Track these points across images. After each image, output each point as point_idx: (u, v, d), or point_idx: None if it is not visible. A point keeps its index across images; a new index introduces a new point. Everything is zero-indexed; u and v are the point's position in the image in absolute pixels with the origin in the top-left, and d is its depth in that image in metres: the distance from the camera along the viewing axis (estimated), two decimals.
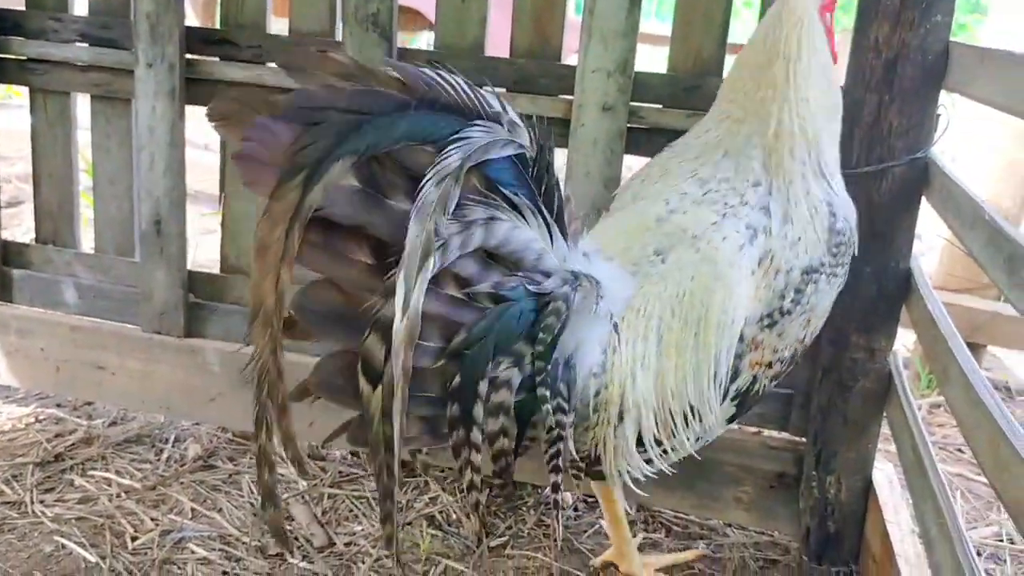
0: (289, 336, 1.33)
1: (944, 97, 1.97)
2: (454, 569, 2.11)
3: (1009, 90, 1.53)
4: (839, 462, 2.16)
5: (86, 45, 2.43)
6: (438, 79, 1.32)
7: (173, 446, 2.52)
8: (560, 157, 2.24)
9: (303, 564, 2.07)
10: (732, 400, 1.69)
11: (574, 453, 1.64)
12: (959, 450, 2.97)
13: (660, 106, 2.15)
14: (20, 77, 2.52)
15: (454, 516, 2.30)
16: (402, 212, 1.29)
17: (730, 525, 2.36)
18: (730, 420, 1.75)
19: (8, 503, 2.21)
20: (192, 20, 6.49)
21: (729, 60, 2.23)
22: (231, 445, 2.55)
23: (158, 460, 2.46)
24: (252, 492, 2.34)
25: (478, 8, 2.21)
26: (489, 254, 1.43)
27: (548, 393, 1.48)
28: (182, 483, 2.36)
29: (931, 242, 4.62)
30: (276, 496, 1.42)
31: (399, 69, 1.31)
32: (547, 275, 1.46)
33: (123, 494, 2.29)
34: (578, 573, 2.13)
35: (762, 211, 1.65)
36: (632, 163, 2.13)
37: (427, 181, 1.28)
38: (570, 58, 2.24)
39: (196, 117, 2.53)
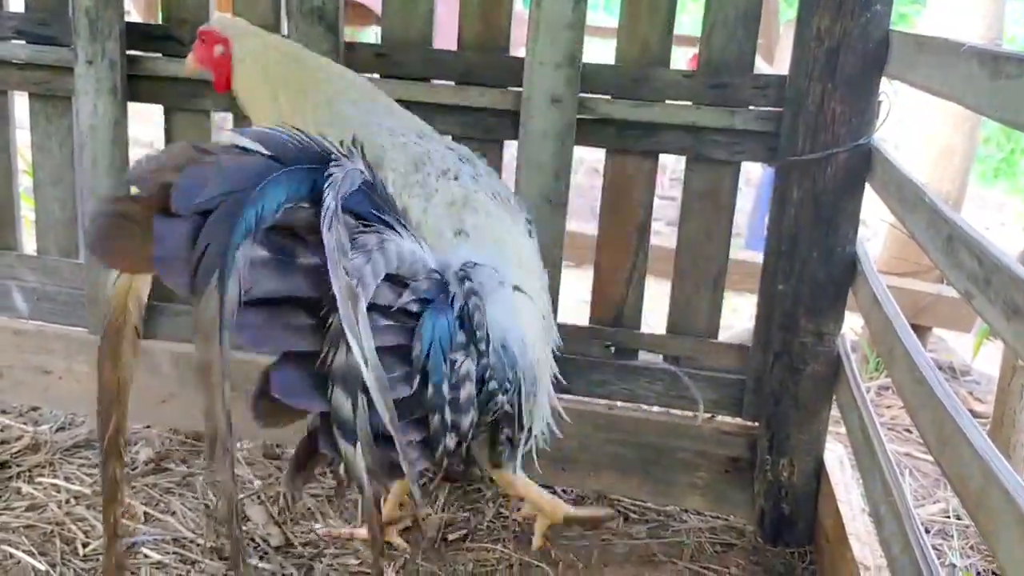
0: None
1: (885, 85, 2.02)
2: (414, 564, 2.10)
3: (945, 77, 1.57)
4: (791, 445, 2.20)
5: (23, 42, 2.37)
6: (286, 135, 1.25)
7: (125, 449, 2.47)
8: (511, 149, 2.25)
9: (261, 564, 2.05)
10: None
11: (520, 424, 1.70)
12: (907, 430, 3.04)
13: (609, 97, 2.17)
14: None
15: (414, 510, 2.30)
16: (313, 266, 1.25)
17: (687, 511, 2.39)
18: None
19: None
20: (135, 18, 6.36)
21: (676, 52, 2.26)
22: (183, 447, 2.51)
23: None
24: (207, 494, 2.31)
25: (425, 1, 2.21)
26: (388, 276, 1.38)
27: (496, 384, 1.56)
28: (134, 487, 2.31)
29: (876, 227, 4.72)
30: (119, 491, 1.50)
31: (254, 135, 1.23)
32: (437, 273, 1.47)
33: (73, 500, 2.24)
34: (538, 563, 2.14)
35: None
36: (583, 154, 2.14)
37: (324, 233, 1.22)
38: (519, 51, 2.24)
39: (140, 115, 2.49)
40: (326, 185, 1.23)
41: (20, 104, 2.49)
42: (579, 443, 2.31)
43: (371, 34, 6.65)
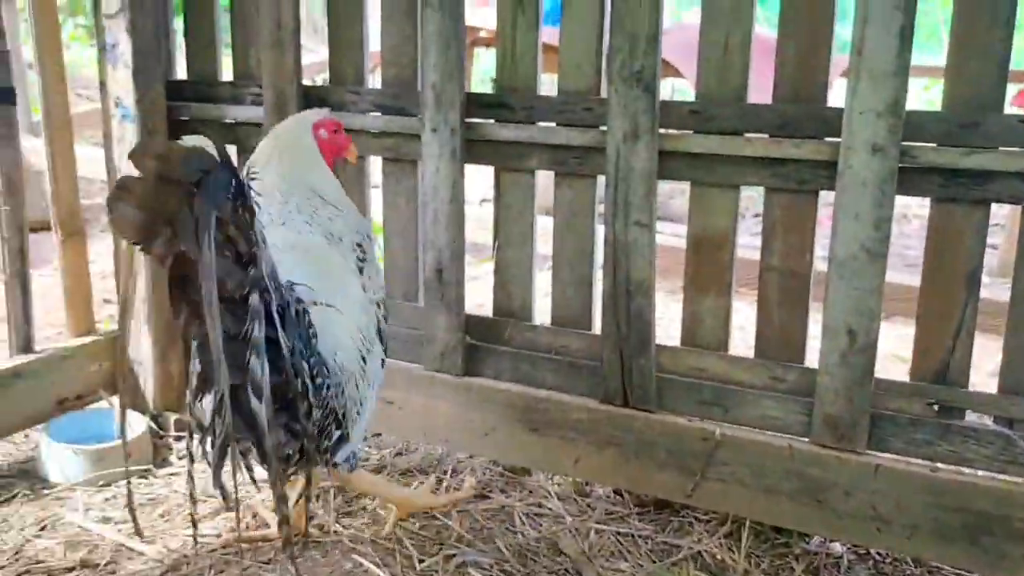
0: None
1: None
2: None
3: None
4: None
5: (379, 114, 2.73)
6: (212, 145, 1.60)
7: (451, 477, 2.72)
8: (826, 198, 2.24)
9: None
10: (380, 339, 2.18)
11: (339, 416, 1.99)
12: None
13: (934, 145, 2.09)
14: None
15: (719, 557, 2.32)
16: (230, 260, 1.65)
17: None
18: (383, 365, 2.21)
19: (314, 524, 2.48)
20: None
21: (1011, 90, 2.14)
22: (502, 478, 2.72)
23: (439, 489, 2.66)
24: (523, 523, 2.48)
25: (740, 57, 2.27)
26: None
27: (322, 380, 1.91)
28: (461, 512, 2.54)
29: None
30: None
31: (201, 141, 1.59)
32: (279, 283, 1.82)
33: (411, 518, 2.50)
34: None
35: (307, 215, 2.17)
36: (907, 202, 2.09)
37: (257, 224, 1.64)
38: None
39: (470, 175, 2.76)
40: (249, 188, 1.71)
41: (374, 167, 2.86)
42: (896, 504, 2.21)
43: (667, 86, 6.82)
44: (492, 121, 2.58)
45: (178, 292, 1.67)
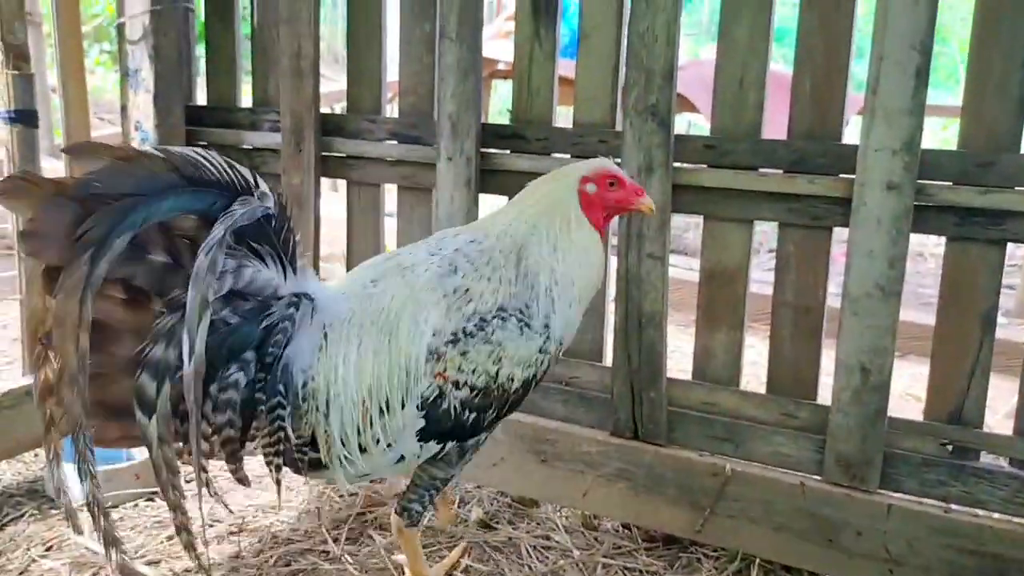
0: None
1: None
2: None
3: None
4: None
5: (395, 142, 2.76)
6: (201, 159, 1.60)
7: (459, 507, 2.70)
8: (840, 235, 2.24)
9: None
10: (419, 409, 1.87)
11: (293, 438, 1.84)
12: None
13: (950, 183, 2.09)
14: (340, 172, 2.90)
15: None
16: (160, 264, 1.61)
17: None
18: (424, 439, 1.90)
19: (321, 551, 2.47)
20: None
21: None
22: (510, 509, 2.69)
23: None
24: (530, 555, 2.45)
25: (755, 93, 2.28)
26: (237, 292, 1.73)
27: (265, 396, 1.79)
28: (469, 543, 2.51)
29: None
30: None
31: (168, 153, 1.59)
32: (279, 299, 1.79)
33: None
34: None
35: (465, 258, 1.93)
36: (922, 240, 2.08)
37: (201, 252, 1.57)
38: None
39: (486, 204, 2.77)
40: (221, 216, 1.60)
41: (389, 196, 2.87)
42: (908, 544, 2.19)
43: (683, 121, 6.85)
44: (507, 152, 2.59)
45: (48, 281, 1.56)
